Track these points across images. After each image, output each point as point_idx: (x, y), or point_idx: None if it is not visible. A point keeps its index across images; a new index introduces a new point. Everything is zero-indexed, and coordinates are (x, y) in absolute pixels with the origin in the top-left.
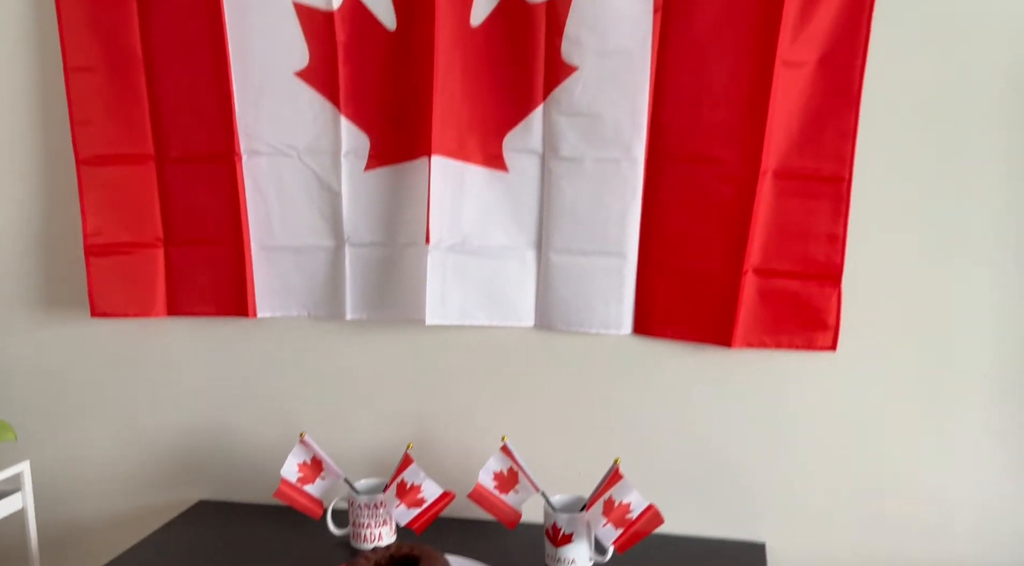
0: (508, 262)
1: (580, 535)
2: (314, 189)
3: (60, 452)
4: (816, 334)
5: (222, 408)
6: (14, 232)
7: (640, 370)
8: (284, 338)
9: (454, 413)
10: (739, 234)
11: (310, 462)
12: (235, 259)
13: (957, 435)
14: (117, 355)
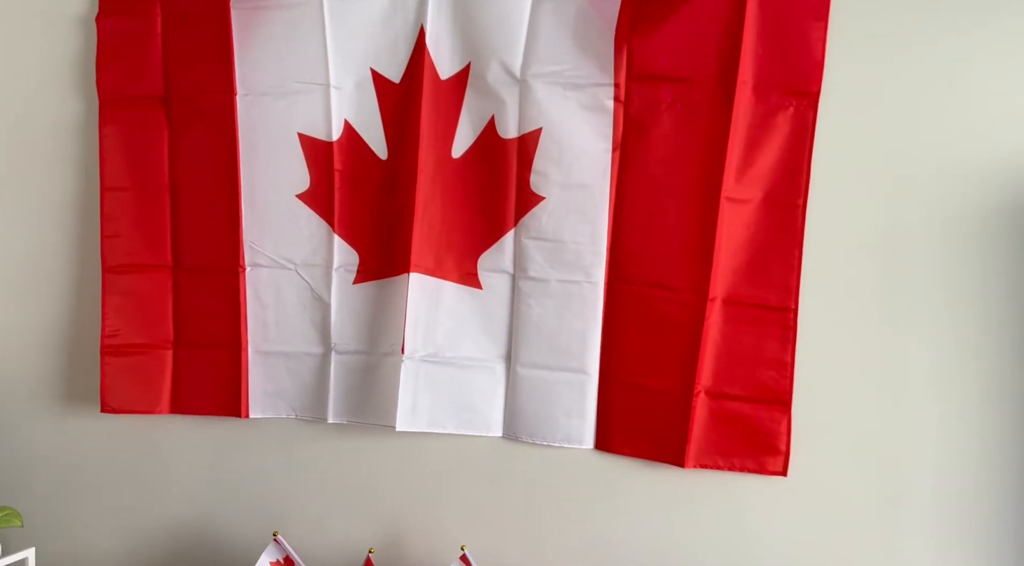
0: (478, 373)
1: None
2: (307, 299)
3: (65, 541)
4: (767, 458)
5: (212, 503)
6: (40, 331)
7: (600, 485)
8: (272, 438)
9: (419, 518)
10: (690, 356)
11: (283, 561)
12: (233, 362)
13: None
14: (122, 449)
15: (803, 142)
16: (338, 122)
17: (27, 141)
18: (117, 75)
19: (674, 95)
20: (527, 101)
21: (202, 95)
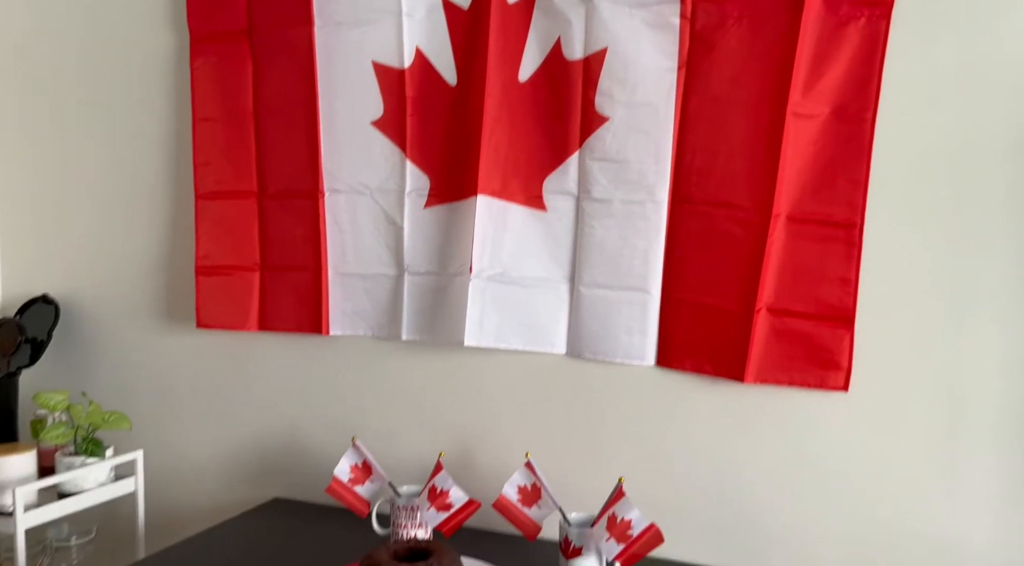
0: (543, 293)
1: (589, 549)
2: (381, 224)
3: (167, 445)
4: (828, 374)
5: (296, 414)
6: (141, 255)
7: (660, 400)
8: (350, 354)
9: (486, 429)
10: (752, 274)
11: (361, 465)
12: (314, 284)
13: (966, 484)
14: (215, 363)
15: (874, 54)
16: (410, 49)
17: (125, 76)
18: (205, 11)
19: (741, 9)
20: (593, 21)
21: (282, 27)
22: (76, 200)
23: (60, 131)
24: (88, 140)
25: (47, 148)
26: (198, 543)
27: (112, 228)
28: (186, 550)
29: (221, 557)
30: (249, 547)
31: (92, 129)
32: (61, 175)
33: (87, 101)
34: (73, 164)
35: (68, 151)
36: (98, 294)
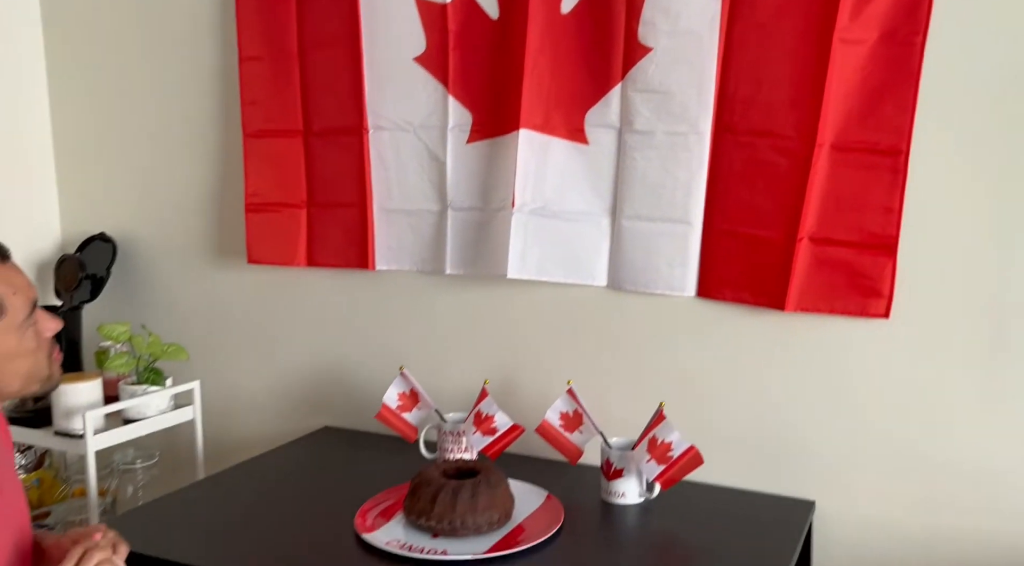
0: (584, 226)
1: (630, 471)
2: (425, 160)
3: (222, 376)
4: (869, 301)
5: (344, 346)
6: (196, 192)
7: (701, 330)
8: (396, 288)
9: (529, 359)
10: (795, 203)
11: (408, 393)
12: (360, 220)
13: (1007, 413)
14: (266, 297)
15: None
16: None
17: (175, 17)
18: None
19: None
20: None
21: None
22: (131, 142)
23: (114, 75)
24: (141, 82)
25: (102, 93)
26: (253, 466)
27: (165, 168)
28: (241, 472)
29: (275, 478)
30: (301, 470)
31: (145, 71)
32: (116, 118)
33: (139, 43)
34: (127, 107)
35: (122, 94)
36: (153, 232)
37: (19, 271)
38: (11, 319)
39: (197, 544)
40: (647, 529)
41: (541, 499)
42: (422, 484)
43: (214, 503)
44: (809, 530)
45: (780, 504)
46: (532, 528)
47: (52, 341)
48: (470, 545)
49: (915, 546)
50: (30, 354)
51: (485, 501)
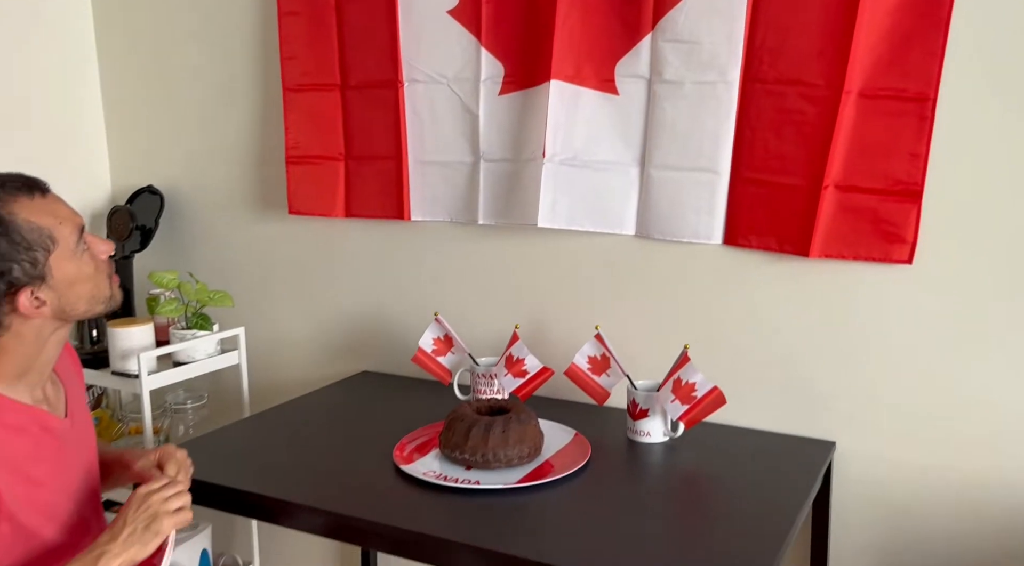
0: (614, 176)
1: (655, 411)
2: (458, 112)
3: (266, 322)
4: (893, 247)
5: (381, 294)
6: (238, 145)
7: (726, 277)
8: (430, 238)
9: (558, 306)
10: (821, 151)
11: (443, 338)
12: (396, 172)
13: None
14: (307, 247)
15: None
16: None
17: None
18: None
19: None
20: None
21: None
22: (176, 98)
23: (160, 34)
24: (186, 40)
25: (148, 50)
26: (295, 405)
27: (210, 122)
28: (285, 411)
29: (316, 417)
30: (342, 409)
31: (189, 29)
32: (162, 75)
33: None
34: (173, 64)
35: (168, 52)
36: (199, 184)
37: (61, 202)
38: (63, 248)
39: (244, 472)
40: (671, 466)
41: (569, 437)
42: (456, 420)
43: (260, 437)
44: (829, 469)
45: (801, 444)
46: (560, 462)
47: (109, 263)
48: (501, 476)
49: (933, 485)
50: (89, 278)
51: (516, 436)
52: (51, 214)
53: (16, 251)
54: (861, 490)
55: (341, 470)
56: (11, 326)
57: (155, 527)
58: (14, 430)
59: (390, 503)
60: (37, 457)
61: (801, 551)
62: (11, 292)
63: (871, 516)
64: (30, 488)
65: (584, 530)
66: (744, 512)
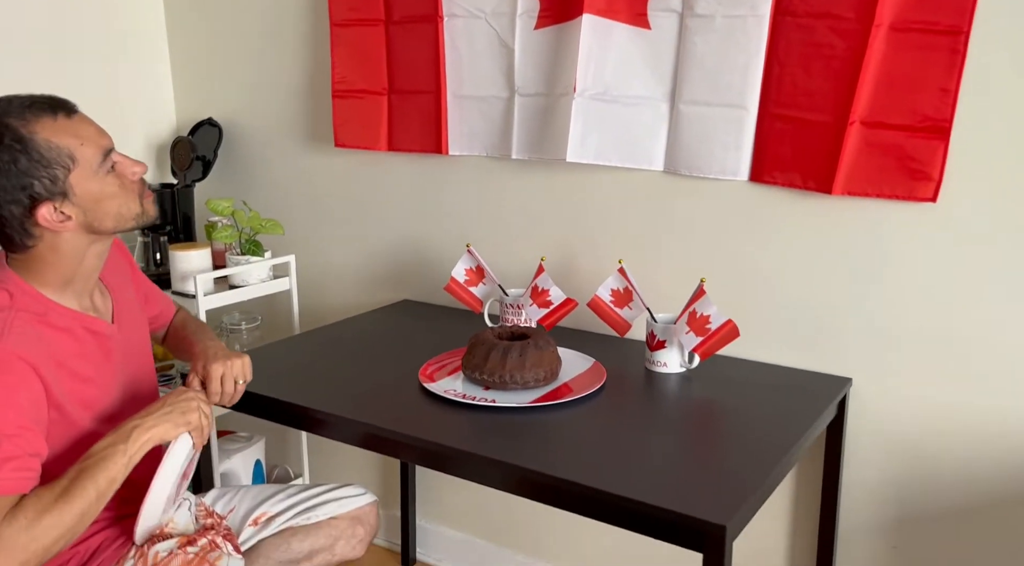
0: (643, 111)
1: (672, 343)
2: (495, 46)
3: (314, 251)
4: (918, 185)
5: (421, 226)
6: (290, 79)
7: (751, 213)
8: (466, 172)
9: (585, 239)
10: (848, 87)
11: (475, 269)
12: (435, 106)
13: None
14: (352, 179)
15: None
16: None
17: None
18: None
19: None
20: None
21: None
22: (234, 34)
23: None
24: None
25: None
26: (336, 328)
27: (266, 57)
28: (328, 332)
29: (355, 338)
30: (379, 332)
31: None
32: (221, 9)
33: None
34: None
35: None
36: (254, 117)
37: (87, 123)
38: (84, 167)
39: (290, 386)
40: (684, 394)
41: (588, 365)
42: (477, 344)
43: (305, 355)
44: (843, 406)
45: (816, 379)
46: (575, 386)
47: (141, 182)
48: (517, 396)
49: (950, 423)
50: (114, 196)
51: (532, 360)
52: (73, 135)
53: (36, 168)
54: (876, 427)
55: (376, 387)
56: (42, 238)
57: (188, 417)
58: (61, 330)
59: (416, 418)
60: (82, 356)
61: (812, 487)
62: (33, 206)
63: (886, 453)
64: (76, 383)
65: (591, 447)
66: (749, 434)
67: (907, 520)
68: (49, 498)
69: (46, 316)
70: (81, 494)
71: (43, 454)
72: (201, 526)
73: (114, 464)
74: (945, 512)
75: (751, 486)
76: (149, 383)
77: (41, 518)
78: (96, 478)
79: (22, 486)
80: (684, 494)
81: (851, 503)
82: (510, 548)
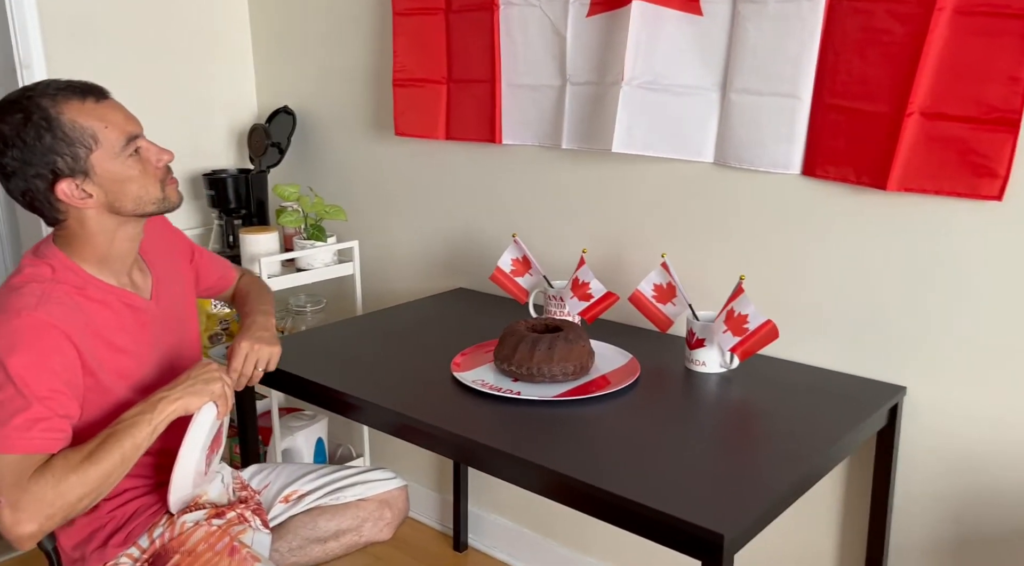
0: (693, 101)
1: (711, 342)
2: (549, 34)
3: (377, 238)
4: (981, 181)
5: (475, 215)
6: (357, 69)
7: (801, 208)
8: (518, 161)
9: (630, 232)
10: (907, 75)
11: (521, 259)
12: (490, 95)
13: None
14: (412, 167)
15: None
16: None
17: None
18: None
19: None
20: None
21: None
22: (310, 21)
23: None
24: None
25: None
26: (393, 313)
27: (334, 46)
28: (383, 316)
29: (402, 326)
30: (428, 320)
31: None
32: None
33: None
34: None
35: None
36: (323, 105)
37: (117, 108)
38: (106, 149)
39: (324, 366)
40: (721, 394)
41: (624, 360)
42: (508, 335)
43: (349, 338)
44: (895, 415)
45: (866, 386)
46: (607, 382)
47: (166, 169)
48: (543, 389)
49: (1011, 439)
50: (134, 179)
51: (561, 354)
52: (99, 118)
53: (59, 145)
54: (932, 440)
55: (403, 371)
56: (69, 213)
57: (211, 387)
58: (98, 302)
59: (445, 407)
60: (119, 327)
61: (862, 497)
62: (55, 181)
63: (943, 467)
64: (111, 353)
65: (609, 444)
66: (779, 440)
67: (967, 540)
68: (76, 459)
69: (84, 289)
70: (107, 456)
71: (74, 417)
72: (236, 498)
73: (139, 432)
74: (1010, 533)
75: (763, 496)
76: (191, 355)
77: (68, 476)
78: (122, 443)
79: (51, 446)
80: (692, 499)
81: (904, 518)
82: (557, 541)
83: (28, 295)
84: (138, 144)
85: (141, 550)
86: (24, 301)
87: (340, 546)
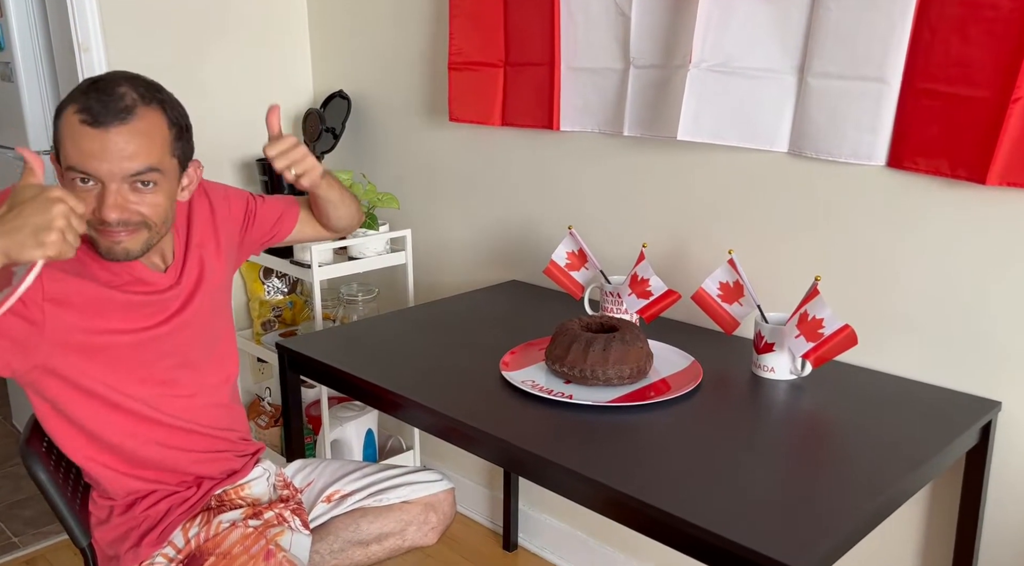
0: (767, 84)
1: (781, 346)
2: (612, 14)
3: (430, 227)
4: None
5: (531, 205)
6: (411, 53)
7: (887, 203)
8: (577, 149)
9: (695, 225)
10: (1013, 56)
11: (576, 252)
12: (548, 79)
13: None
14: (466, 154)
15: None
16: None
17: None
18: None
19: None
20: None
21: None
22: (366, 5)
23: None
24: None
25: None
26: (444, 305)
27: (389, 31)
28: (434, 308)
29: (459, 317)
30: (480, 313)
31: None
32: None
33: None
34: None
35: None
36: (377, 90)
37: (92, 138)
38: (61, 162)
39: (369, 360)
40: (789, 404)
41: (686, 363)
42: (561, 333)
43: (398, 331)
44: (988, 433)
45: (955, 399)
46: (666, 387)
47: (101, 220)
48: (597, 393)
49: None
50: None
51: (616, 356)
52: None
53: (55, 134)
54: None
55: (451, 368)
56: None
57: (41, 238)
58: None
59: (491, 409)
60: (127, 307)
61: (945, 530)
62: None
63: None
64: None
65: (665, 457)
66: (857, 458)
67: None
68: None
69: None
70: None
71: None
72: (277, 496)
73: None
74: None
75: (839, 525)
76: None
77: None
78: None
79: None
80: (759, 526)
81: (994, 550)
82: (609, 544)
83: None
84: (77, 182)
85: (176, 549)
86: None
87: (383, 550)
